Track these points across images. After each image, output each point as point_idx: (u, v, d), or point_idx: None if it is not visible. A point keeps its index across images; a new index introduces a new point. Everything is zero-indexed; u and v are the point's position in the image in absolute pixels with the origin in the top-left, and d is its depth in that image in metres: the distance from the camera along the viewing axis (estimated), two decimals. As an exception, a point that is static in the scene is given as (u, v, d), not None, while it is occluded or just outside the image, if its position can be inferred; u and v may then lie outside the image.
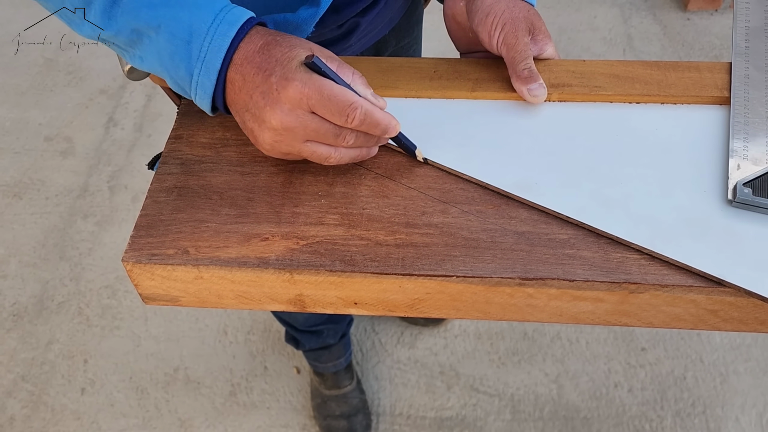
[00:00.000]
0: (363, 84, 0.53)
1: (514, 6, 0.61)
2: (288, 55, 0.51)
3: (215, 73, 0.52)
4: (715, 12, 2.19)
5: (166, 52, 0.53)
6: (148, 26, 0.52)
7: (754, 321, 0.52)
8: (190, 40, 0.52)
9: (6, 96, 2.11)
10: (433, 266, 0.51)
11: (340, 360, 1.39)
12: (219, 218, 0.55)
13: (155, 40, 0.53)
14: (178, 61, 0.53)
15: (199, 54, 0.52)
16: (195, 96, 0.55)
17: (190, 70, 0.53)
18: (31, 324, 1.60)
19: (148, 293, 0.56)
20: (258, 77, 0.51)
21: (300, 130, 0.51)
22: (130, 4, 0.52)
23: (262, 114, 0.51)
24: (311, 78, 0.49)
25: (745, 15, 0.65)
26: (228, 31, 0.52)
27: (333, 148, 0.53)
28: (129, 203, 1.80)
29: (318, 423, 1.42)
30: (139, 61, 0.56)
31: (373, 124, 0.51)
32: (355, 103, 0.49)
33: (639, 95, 0.61)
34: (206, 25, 0.52)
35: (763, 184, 0.53)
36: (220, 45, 0.52)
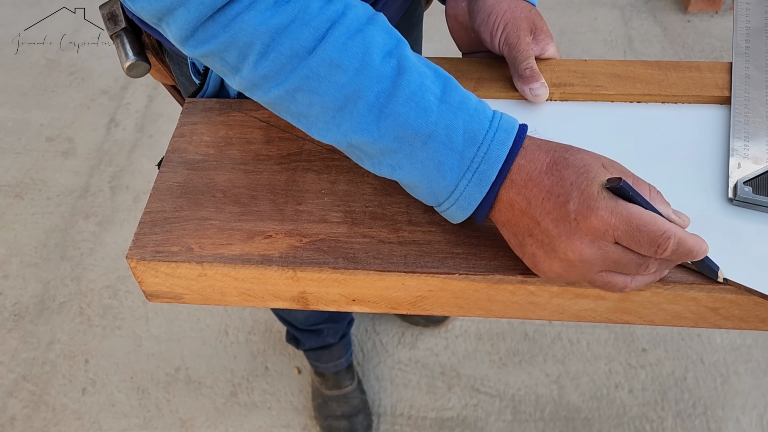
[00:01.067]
0: (663, 201, 0.46)
1: (515, 6, 0.62)
2: (585, 177, 0.44)
3: (488, 185, 0.47)
4: (715, 14, 2.19)
5: (432, 161, 0.47)
6: (416, 135, 0.47)
7: (754, 319, 0.52)
8: (464, 150, 0.47)
9: (8, 96, 2.12)
10: (435, 264, 0.52)
11: (341, 360, 1.39)
12: (223, 216, 0.55)
13: (420, 150, 0.47)
14: (446, 171, 0.47)
15: (472, 163, 0.46)
16: (452, 205, 0.48)
17: (457, 180, 0.47)
18: (33, 324, 1.61)
19: (151, 290, 0.57)
20: (548, 203, 0.45)
21: (599, 262, 0.45)
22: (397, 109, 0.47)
23: (553, 243, 0.45)
24: (617, 206, 0.43)
25: (745, 15, 0.66)
26: (505, 140, 0.47)
27: (630, 277, 0.47)
28: (130, 203, 1.81)
29: (319, 423, 1.42)
30: (387, 168, 0.49)
31: (685, 253, 0.45)
32: (667, 233, 0.43)
33: (640, 95, 0.61)
34: (482, 134, 0.47)
35: (763, 182, 0.53)
36: (498, 155, 0.46)
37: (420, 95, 0.46)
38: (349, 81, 0.46)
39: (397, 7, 0.81)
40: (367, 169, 0.51)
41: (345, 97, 0.47)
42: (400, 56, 0.47)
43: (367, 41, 0.47)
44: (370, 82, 0.46)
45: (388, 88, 0.46)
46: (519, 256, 0.49)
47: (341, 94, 0.47)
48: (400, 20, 0.85)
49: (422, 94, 0.47)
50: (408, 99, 0.46)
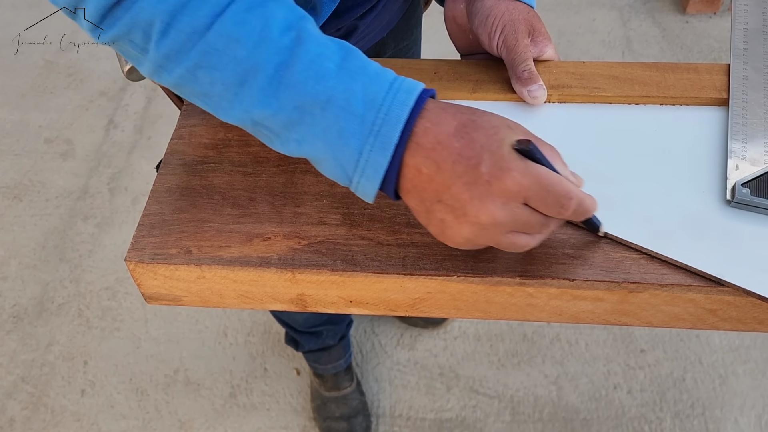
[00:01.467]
0: (562, 162, 0.48)
1: (514, 8, 0.62)
2: (495, 139, 0.44)
3: (391, 148, 0.45)
4: (713, 15, 2.20)
5: (333, 129, 0.46)
6: (314, 101, 0.46)
7: (752, 320, 0.52)
8: (364, 113, 0.45)
9: (6, 98, 2.12)
10: (434, 266, 0.52)
11: (340, 362, 1.39)
12: (221, 218, 0.55)
13: (320, 117, 0.46)
14: (348, 137, 0.46)
15: (373, 127, 0.45)
16: (361, 176, 0.47)
17: (360, 147, 0.46)
18: (31, 325, 1.61)
19: (150, 293, 0.57)
20: (460, 166, 0.44)
21: (509, 224, 0.45)
22: (294, 77, 0.46)
23: (464, 207, 0.44)
24: (528, 167, 0.44)
25: (743, 17, 0.66)
26: (406, 100, 0.46)
27: (531, 236, 0.47)
28: (129, 205, 1.81)
29: (318, 424, 1.43)
30: (294, 144, 0.48)
31: (582, 212, 0.47)
32: (570, 193, 0.44)
33: (638, 96, 0.61)
34: (381, 95, 0.46)
35: (761, 184, 0.53)
36: (398, 116, 0.45)
37: (318, 63, 0.46)
38: (248, 55, 0.46)
39: (397, 8, 0.82)
40: (278, 150, 0.50)
41: (244, 72, 0.46)
42: (300, 29, 0.47)
43: (266, 15, 0.46)
44: (269, 55, 0.46)
45: (287, 59, 0.46)
46: (424, 225, 0.48)
47: (241, 69, 0.46)
48: (400, 22, 0.85)
49: (320, 62, 0.46)
50: (306, 67, 0.46)
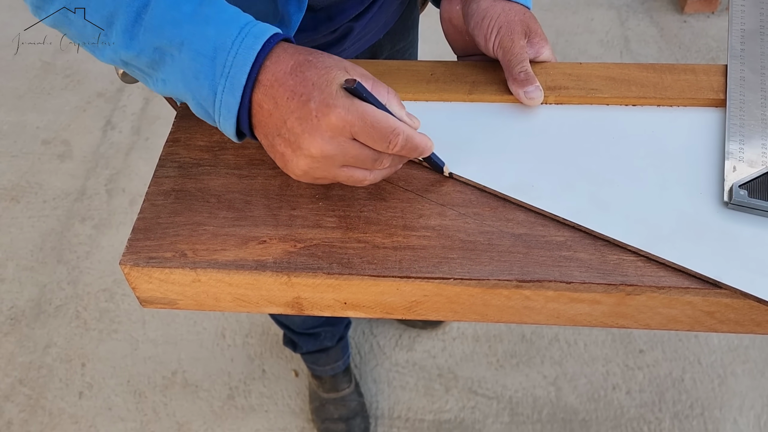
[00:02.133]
0: (398, 104, 0.50)
1: (510, 9, 0.62)
2: (325, 78, 0.47)
3: (240, 89, 0.49)
4: (711, 14, 2.20)
5: (190, 70, 0.49)
6: (171, 44, 0.49)
7: (750, 322, 0.52)
8: (215, 56, 0.49)
9: (3, 99, 2.11)
10: (430, 269, 0.51)
11: (338, 363, 1.39)
12: (216, 221, 0.55)
13: (178, 59, 0.49)
14: (203, 79, 0.49)
15: (223, 69, 0.49)
16: (219, 117, 0.51)
17: (214, 88, 0.49)
18: (29, 328, 1.60)
19: (145, 296, 0.56)
20: (293, 102, 0.48)
21: (339, 157, 0.48)
22: (153, 21, 0.49)
23: (298, 141, 0.48)
24: (353, 104, 0.47)
25: (740, 17, 0.66)
26: (253, 44, 0.49)
27: (369, 171, 0.51)
28: (127, 206, 1.80)
29: (316, 426, 1.42)
30: (161, 84, 0.52)
31: (412, 148, 0.50)
32: (396, 129, 0.47)
33: (635, 98, 0.61)
34: (231, 39, 0.49)
35: (758, 185, 0.53)
36: (246, 58, 0.48)
37: (175, 7, 0.49)
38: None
39: (393, 10, 0.81)
40: (151, 88, 0.54)
41: (109, 14, 0.50)
42: None
43: None
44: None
45: (147, 2, 0.49)
46: (272, 158, 0.52)
47: (106, 12, 0.50)
48: (396, 23, 0.85)
49: (177, 6, 0.49)
50: (163, 11, 0.49)
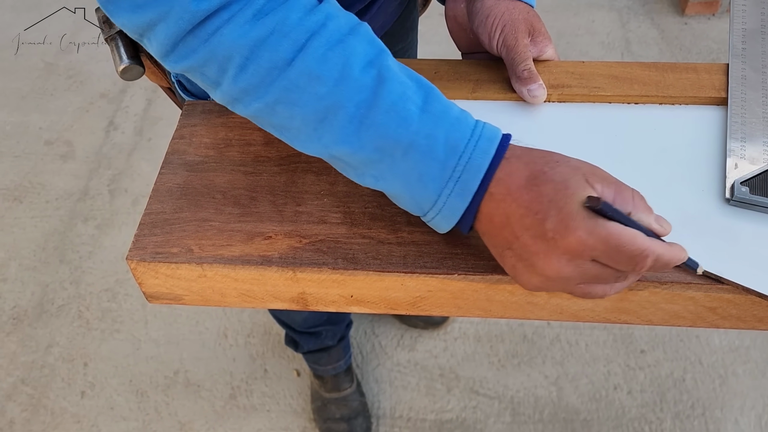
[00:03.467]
0: (645, 208, 0.45)
1: (513, 8, 0.62)
2: (564, 194, 0.43)
3: (470, 195, 0.46)
4: (712, 16, 2.20)
5: (414, 172, 0.46)
6: (395, 144, 0.46)
7: (752, 318, 0.52)
8: (446, 160, 0.46)
9: (7, 100, 2.12)
10: (434, 264, 0.52)
11: (340, 363, 1.39)
12: (222, 217, 0.56)
13: (401, 160, 0.46)
14: (427, 181, 0.46)
15: (453, 173, 0.46)
16: (436, 216, 0.48)
17: (439, 191, 0.46)
18: (31, 327, 1.61)
19: (151, 291, 0.57)
20: (527, 219, 0.44)
21: (576, 278, 0.45)
22: (378, 119, 0.46)
23: (532, 259, 0.44)
24: (596, 225, 0.42)
25: (741, 17, 0.66)
26: (488, 148, 0.46)
27: (609, 285, 0.46)
28: (129, 207, 1.81)
29: (318, 426, 1.43)
30: (371, 179, 0.49)
31: (662, 266, 0.45)
32: (646, 251, 0.42)
33: (637, 96, 0.61)
34: (464, 142, 0.46)
35: (760, 182, 0.53)
36: (480, 164, 0.45)
37: (401, 105, 0.46)
38: (329, 92, 0.46)
39: (391, 11, 0.81)
40: (352, 179, 0.51)
41: (325, 109, 0.46)
42: (381, 66, 0.47)
43: (347, 52, 0.46)
44: (350, 93, 0.46)
45: (368, 98, 0.46)
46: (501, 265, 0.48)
47: (321, 106, 0.46)
48: (394, 25, 0.85)
49: (403, 104, 0.46)
50: (388, 109, 0.46)
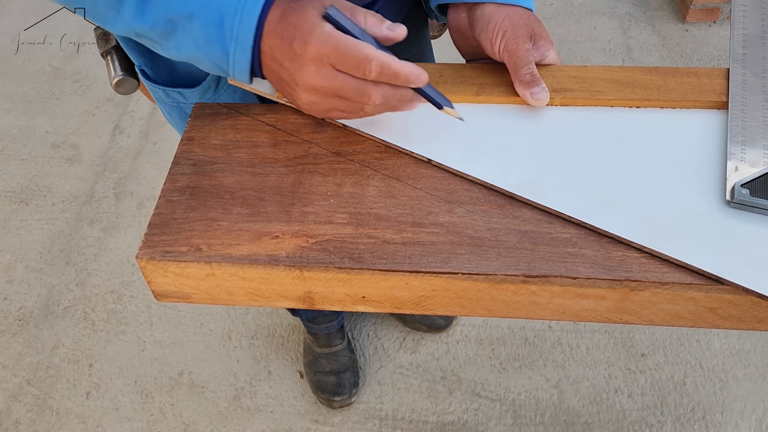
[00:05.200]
0: (377, 22, 0.55)
1: (514, 13, 0.63)
2: (303, 18, 0.54)
3: (249, 49, 0.55)
4: (713, 23, 2.21)
5: (201, 37, 0.56)
6: (180, 16, 0.55)
7: (752, 319, 0.53)
8: (222, 23, 0.55)
9: (13, 104, 2.13)
10: (439, 264, 0.53)
11: (333, 323, 1.46)
12: (231, 217, 0.56)
13: (189, 28, 0.56)
14: (214, 44, 0.56)
15: (231, 33, 0.55)
16: (234, 72, 0.58)
17: (226, 50, 0.56)
18: (37, 328, 1.62)
19: (160, 290, 0.58)
20: (283, 46, 0.54)
21: (328, 88, 0.54)
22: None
23: (293, 77, 0.55)
24: (327, 37, 0.52)
25: (742, 22, 0.67)
26: (254, 8, 0.54)
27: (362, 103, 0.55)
28: (134, 209, 1.82)
29: (309, 378, 1.49)
30: (174, 51, 0.58)
31: (392, 75, 0.53)
32: (369, 56, 0.52)
33: (639, 100, 0.62)
34: (233, 6, 0.54)
35: (760, 185, 0.54)
36: (250, 22, 0.55)
37: None
38: None
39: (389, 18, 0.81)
40: (165, 55, 0.60)
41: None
42: None
43: None
44: None
45: None
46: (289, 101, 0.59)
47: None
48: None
49: None
50: None
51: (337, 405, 1.45)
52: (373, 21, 0.56)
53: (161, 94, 0.77)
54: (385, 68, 0.53)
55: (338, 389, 1.45)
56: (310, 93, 0.55)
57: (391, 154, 0.60)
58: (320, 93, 0.55)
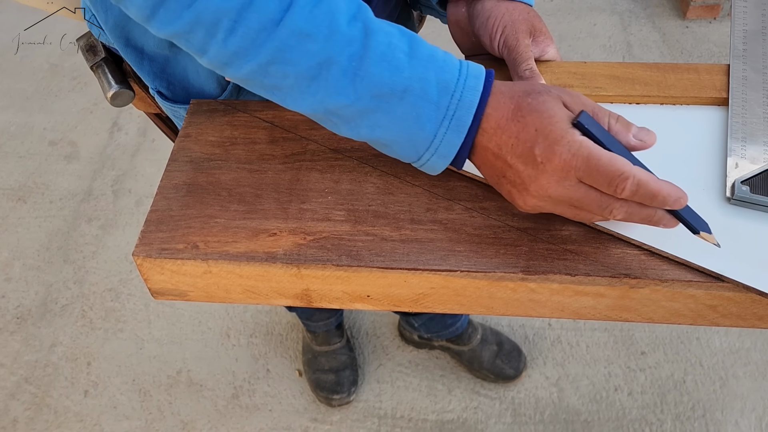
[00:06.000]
0: (622, 129, 0.49)
1: (513, 8, 0.63)
2: (548, 122, 0.48)
3: (465, 129, 0.50)
4: (713, 20, 2.21)
5: (411, 115, 0.49)
6: (392, 92, 0.49)
7: (752, 316, 0.53)
8: (439, 100, 0.49)
9: (11, 101, 2.13)
10: (437, 261, 0.52)
11: (331, 320, 1.46)
12: (228, 214, 0.56)
13: (398, 106, 0.49)
14: (424, 122, 0.49)
15: (447, 111, 0.49)
16: (433, 155, 0.51)
17: (435, 129, 0.50)
18: (35, 326, 1.61)
19: (157, 288, 0.57)
20: (518, 148, 0.49)
21: (567, 200, 0.49)
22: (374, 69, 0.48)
23: (525, 183, 0.49)
24: (579, 149, 0.46)
25: (742, 19, 0.67)
26: (476, 85, 0.50)
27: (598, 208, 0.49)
28: (133, 207, 1.82)
29: (308, 377, 1.49)
30: (366, 130, 0.51)
31: (648, 195, 0.47)
32: (625, 174, 0.46)
33: (639, 96, 0.62)
34: (453, 81, 0.49)
35: (760, 181, 0.54)
36: (471, 100, 0.49)
37: (390, 54, 0.48)
38: (321, 48, 0.47)
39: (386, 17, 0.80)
40: (344, 135, 0.53)
41: (318, 65, 0.48)
42: (366, 18, 0.49)
43: (331, 8, 0.48)
44: (341, 47, 0.48)
45: (358, 50, 0.48)
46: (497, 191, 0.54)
47: (314, 62, 0.48)
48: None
49: (392, 53, 0.49)
50: (380, 59, 0.48)
51: (336, 403, 1.45)
52: (619, 128, 0.49)
53: (181, 112, 0.71)
54: (641, 188, 0.46)
55: (337, 387, 1.44)
56: (540, 200, 0.50)
57: (389, 150, 0.60)
58: (553, 201, 0.50)
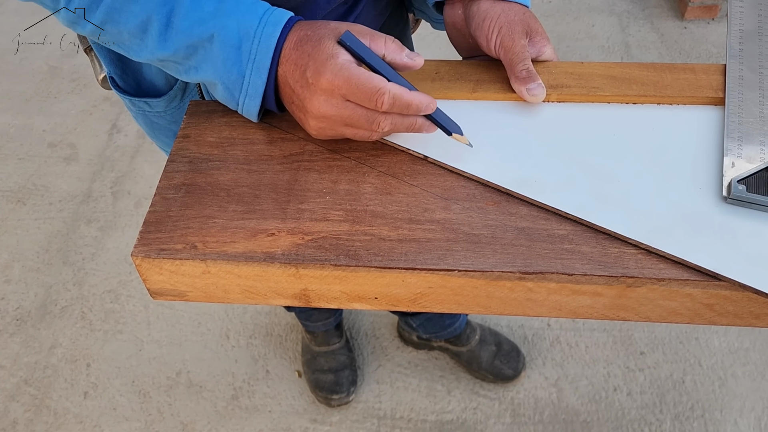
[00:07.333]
0: (396, 49, 0.56)
1: (509, 9, 0.63)
2: (318, 48, 0.55)
3: (266, 71, 0.56)
4: (711, 21, 2.21)
5: (219, 59, 0.57)
6: (201, 39, 0.56)
7: (748, 315, 0.53)
8: (240, 45, 0.56)
9: (10, 103, 2.13)
10: (435, 261, 0.52)
11: (330, 320, 1.46)
12: (226, 214, 0.56)
13: (209, 50, 0.57)
14: (230, 65, 0.57)
15: (249, 56, 0.56)
16: (245, 97, 0.58)
17: (242, 72, 0.57)
18: (35, 328, 1.61)
19: (156, 288, 0.57)
20: (296, 72, 0.56)
21: (337, 117, 0.55)
22: (182, 23, 0.56)
23: (304, 104, 0.56)
24: (341, 69, 0.53)
25: (739, 18, 0.67)
26: (273, 32, 0.56)
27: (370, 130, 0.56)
28: (132, 209, 1.82)
29: (307, 377, 1.49)
30: (193, 71, 0.59)
31: (403, 106, 0.54)
32: (381, 89, 0.53)
33: (636, 96, 0.62)
34: (252, 29, 0.56)
35: (757, 181, 0.54)
36: (268, 45, 0.56)
37: (197, 6, 0.56)
38: (141, 9, 0.56)
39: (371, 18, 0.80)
40: (182, 77, 0.61)
41: (142, 23, 0.56)
42: None
43: None
44: (158, 6, 0.56)
45: (172, 8, 0.56)
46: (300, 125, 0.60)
47: (138, 21, 0.56)
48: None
49: (199, 5, 0.56)
50: (186, 13, 0.56)
51: (335, 403, 1.45)
52: (393, 47, 0.56)
53: (127, 103, 0.79)
54: (396, 100, 0.53)
55: (336, 387, 1.45)
56: (318, 120, 0.56)
57: (387, 151, 0.60)
58: (329, 120, 0.56)
